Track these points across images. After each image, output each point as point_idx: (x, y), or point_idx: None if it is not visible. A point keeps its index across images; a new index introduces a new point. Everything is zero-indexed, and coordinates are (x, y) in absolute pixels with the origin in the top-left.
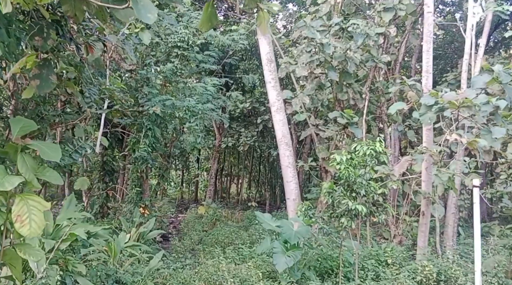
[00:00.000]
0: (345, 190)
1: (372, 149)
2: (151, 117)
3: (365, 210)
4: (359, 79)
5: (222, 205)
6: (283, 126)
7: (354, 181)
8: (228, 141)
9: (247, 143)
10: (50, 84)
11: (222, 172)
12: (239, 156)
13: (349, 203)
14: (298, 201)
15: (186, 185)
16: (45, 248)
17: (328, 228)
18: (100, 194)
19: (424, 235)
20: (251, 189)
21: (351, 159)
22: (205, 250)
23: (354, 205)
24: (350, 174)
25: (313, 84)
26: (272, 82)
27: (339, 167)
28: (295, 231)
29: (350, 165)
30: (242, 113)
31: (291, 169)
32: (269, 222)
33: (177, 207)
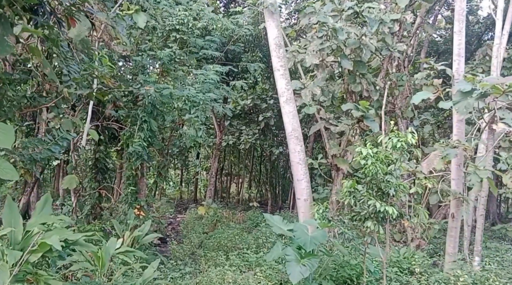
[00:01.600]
0: (371, 189)
1: (403, 141)
2: (146, 108)
3: (396, 212)
4: (372, 70)
5: (223, 205)
6: (293, 118)
7: (382, 178)
8: (228, 140)
9: (248, 141)
10: (6, 48)
11: (222, 171)
12: (239, 155)
13: (377, 204)
14: (310, 201)
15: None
16: (8, 261)
17: (351, 233)
18: (92, 194)
19: (454, 240)
20: (252, 189)
21: (377, 153)
22: (206, 256)
23: (383, 206)
24: (378, 170)
25: (324, 73)
26: (281, 70)
27: (364, 162)
28: (311, 236)
29: (377, 159)
30: (243, 111)
31: (302, 166)
32: (280, 225)
33: (176, 207)
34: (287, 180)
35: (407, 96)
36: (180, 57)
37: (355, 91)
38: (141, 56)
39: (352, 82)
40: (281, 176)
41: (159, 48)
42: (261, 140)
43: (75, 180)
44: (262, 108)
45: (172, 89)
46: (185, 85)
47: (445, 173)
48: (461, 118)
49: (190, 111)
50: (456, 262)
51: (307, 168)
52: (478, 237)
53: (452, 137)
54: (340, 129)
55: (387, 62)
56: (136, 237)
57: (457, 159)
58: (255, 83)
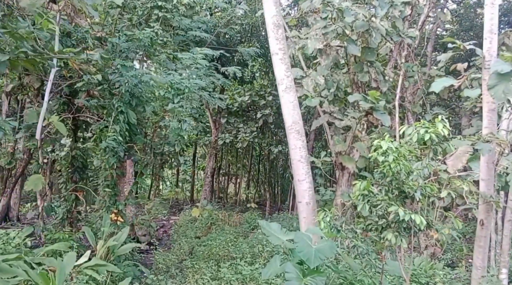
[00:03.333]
0: (390, 192)
1: (433, 132)
2: (123, 97)
3: (424, 222)
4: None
5: (219, 206)
6: (294, 110)
7: (405, 179)
8: (225, 138)
9: (246, 139)
10: None
11: (220, 171)
12: (237, 154)
13: (400, 211)
14: (313, 205)
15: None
16: None
17: (364, 246)
18: (68, 196)
19: (483, 251)
20: (250, 189)
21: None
22: (194, 267)
23: (408, 214)
24: (401, 169)
25: (328, 60)
26: (279, 53)
27: (383, 159)
28: (316, 249)
29: (399, 155)
30: (241, 107)
31: (304, 164)
32: (279, 235)
33: (170, 208)
34: (287, 180)
35: (418, 89)
36: (163, 39)
37: (362, 81)
38: (118, 37)
39: (359, 71)
40: (280, 175)
41: (139, 29)
42: (259, 139)
43: (41, 181)
44: (260, 105)
45: (152, 75)
46: (169, 71)
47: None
48: (493, 108)
49: (173, 101)
50: (485, 277)
51: (309, 166)
52: (505, 246)
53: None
54: (346, 124)
55: (397, 51)
56: (111, 248)
57: (488, 156)
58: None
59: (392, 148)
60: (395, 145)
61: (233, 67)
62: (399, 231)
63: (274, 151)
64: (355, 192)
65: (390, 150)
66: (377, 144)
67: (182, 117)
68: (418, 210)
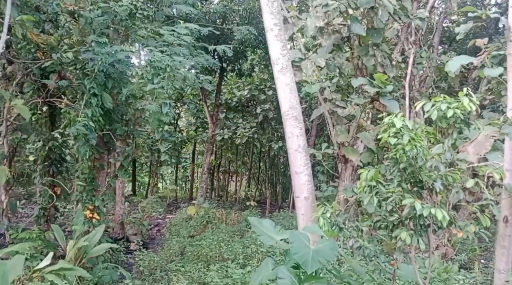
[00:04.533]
0: (404, 183)
1: (458, 108)
2: (97, 78)
3: (448, 217)
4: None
5: (218, 205)
6: (291, 93)
7: (423, 165)
8: (224, 134)
9: (245, 135)
10: None
11: (219, 169)
12: (237, 151)
13: (417, 204)
14: (312, 200)
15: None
16: None
17: (372, 247)
18: (44, 192)
19: (507, 252)
20: (251, 187)
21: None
22: (180, 270)
23: (427, 208)
24: (419, 152)
25: (330, 40)
26: (274, 29)
27: (395, 141)
28: (314, 251)
29: (417, 136)
30: (240, 102)
31: (302, 154)
32: (271, 234)
33: (168, 206)
34: (288, 177)
35: (427, 76)
36: (143, 13)
37: (367, 65)
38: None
39: (364, 54)
40: (281, 173)
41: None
42: (259, 135)
43: (5, 173)
44: (260, 100)
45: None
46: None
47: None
48: None
49: (152, 81)
50: (510, 282)
51: (309, 157)
52: None
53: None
54: (349, 112)
55: (405, 33)
56: (82, 248)
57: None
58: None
59: (407, 126)
60: (411, 123)
61: (223, 46)
62: (416, 229)
63: (275, 147)
64: (361, 183)
65: (405, 129)
66: (389, 122)
67: (163, 100)
68: (438, 203)
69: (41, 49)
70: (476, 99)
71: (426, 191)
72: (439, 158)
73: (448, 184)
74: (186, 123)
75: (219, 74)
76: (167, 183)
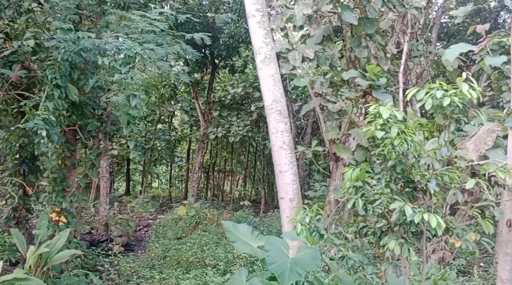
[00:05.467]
0: (393, 182)
1: (456, 95)
2: (61, 67)
3: (443, 224)
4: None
5: (211, 205)
6: (275, 85)
7: (415, 162)
8: (217, 132)
9: (239, 133)
10: None
11: (214, 168)
12: (233, 150)
13: (407, 209)
14: (298, 202)
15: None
16: None
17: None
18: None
19: (510, 259)
20: (247, 186)
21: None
22: (154, 278)
23: (418, 213)
24: (409, 147)
25: (319, 29)
26: (257, 16)
27: (383, 135)
28: (292, 260)
29: (408, 129)
30: (234, 100)
31: (287, 152)
32: (248, 240)
33: (160, 206)
34: None
35: (423, 70)
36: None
37: (359, 57)
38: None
39: (356, 46)
40: None
41: None
42: (253, 133)
43: None
44: (254, 97)
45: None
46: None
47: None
48: None
49: (121, 71)
50: None
51: (294, 154)
52: None
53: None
54: (340, 107)
55: (401, 24)
56: (44, 255)
57: None
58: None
59: (396, 117)
60: (401, 114)
61: (201, 34)
62: (406, 236)
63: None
64: (345, 183)
65: (393, 120)
66: (375, 111)
67: (131, 91)
68: (432, 207)
69: (8, 38)
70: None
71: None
72: (434, 155)
73: (444, 185)
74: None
75: (211, 71)
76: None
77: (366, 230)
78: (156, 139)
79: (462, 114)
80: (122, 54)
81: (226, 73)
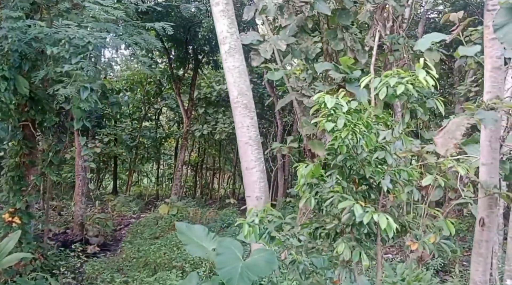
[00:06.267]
0: (346, 179)
1: (412, 83)
2: (9, 58)
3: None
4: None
5: (197, 203)
6: (240, 77)
7: (368, 157)
8: (203, 129)
9: (224, 130)
10: None
11: (203, 166)
12: (220, 147)
13: (357, 208)
14: (265, 200)
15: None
16: None
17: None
18: None
19: (484, 261)
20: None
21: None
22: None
23: (368, 213)
24: (358, 140)
25: (291, 19)
26: (220, 3)
27: (331, 127)
28: (244, 265)
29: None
30: (220, 97)
31: (253, 148)
32: (203, 242)
33: (146, 205)
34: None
35: (404, 65)
36: None
37: (336, 50)
38: None
39: (332, 38)
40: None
41: None
42: None
43: None
44: None
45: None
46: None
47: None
48: (499, 65)
49: (71, 61)
50: None
51: (261, 150)
52: (510, 251)
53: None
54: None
55: (381, 13)
56: None
57: (491, 131)
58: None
59: (342, 105)
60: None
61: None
62: (360, 239)
63: None
64: (299, 180)
65: (340, 109)
66: (319, 99)
67: (82, 83)
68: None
69: None
70: (463, 88)
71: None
72: (387, 148)
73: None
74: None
75: (194, 67)
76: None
77: (321, 231)
78: (142, 137)
79: (418, 104)
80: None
81: (210, 69)
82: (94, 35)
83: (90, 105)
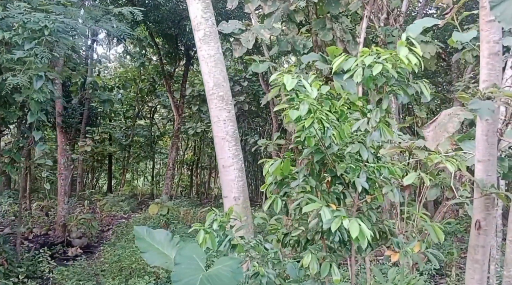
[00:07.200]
0: (314, 177)
1: (392, 61)
2: None
3: (369, 233)
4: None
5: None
6: (216, 66)
7: (339, 150)
8: (196, 127)
9: None
10: None
11: (198, 164)
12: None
13: (325, 212)
14: (244, 201)
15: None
16: None
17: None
18: None
19: (480, 267)
20: None
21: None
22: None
23: (337, 219)
24: (326, 130)
25: (274, 7)
26: None
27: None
28: (205, 276)
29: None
30: None
31: (231, 144)
32: (163, 249)
33: (139, 204)
34: None
35: None
36: None
37: (324, 40)
38: None
39: (320, 28)
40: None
41: None
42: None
43: None
44: (235, 91)
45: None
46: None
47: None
48: (496, 51)
49: (23, 46)
50: None
51: (239, 146)
52: (509, 255)
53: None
54: None
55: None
56: None
57: (488, 124)
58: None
59: (304, 87)
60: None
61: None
62: (331, 248)
63: (250, 142)
64: (266, 179)
65: (305, 94)
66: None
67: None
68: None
69: None
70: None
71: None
72: (361, 139)
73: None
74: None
75: (185, 63)
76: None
77: (289, 238)
78: (136, 135)
79: (400, 87)
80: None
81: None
82: (50, 18)
83: (45, 96)
